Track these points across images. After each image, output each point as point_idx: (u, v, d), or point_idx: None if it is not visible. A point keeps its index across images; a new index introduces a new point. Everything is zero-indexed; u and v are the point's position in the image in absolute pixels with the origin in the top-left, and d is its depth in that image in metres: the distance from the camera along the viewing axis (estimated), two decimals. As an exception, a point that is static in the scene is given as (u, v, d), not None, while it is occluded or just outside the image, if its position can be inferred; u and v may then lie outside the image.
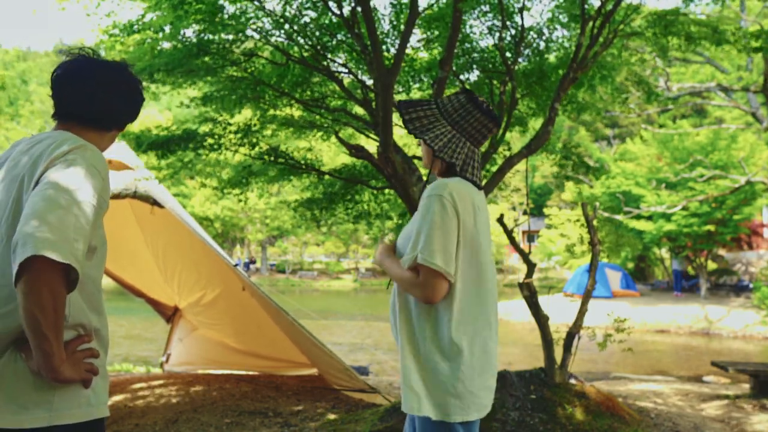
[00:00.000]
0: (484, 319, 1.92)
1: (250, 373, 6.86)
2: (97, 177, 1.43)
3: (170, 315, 7.41)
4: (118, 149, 5.63)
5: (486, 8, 5.34)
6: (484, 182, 4.72)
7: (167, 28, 4.69)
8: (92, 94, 1.60)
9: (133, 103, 1.71)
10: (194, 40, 4.70)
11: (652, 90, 6.74)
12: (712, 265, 20.99)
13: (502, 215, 5.22)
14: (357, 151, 4.65)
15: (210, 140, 5.39)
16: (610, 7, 4.89)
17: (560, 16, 5.53)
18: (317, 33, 5.11)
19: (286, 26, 4.93)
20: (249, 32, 4.93)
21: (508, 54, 5.12)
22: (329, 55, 5.29)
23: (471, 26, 5.65)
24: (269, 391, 5.90)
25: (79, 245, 1.32)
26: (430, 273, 1.82)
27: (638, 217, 18.13)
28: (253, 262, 41.34)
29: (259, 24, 4.92)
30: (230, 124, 5.57)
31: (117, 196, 5.25)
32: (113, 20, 4.81)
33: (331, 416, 4.95)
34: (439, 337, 1.86)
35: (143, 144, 5.26)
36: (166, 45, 4.87)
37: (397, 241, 2.05)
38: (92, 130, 1.62)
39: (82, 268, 1.34)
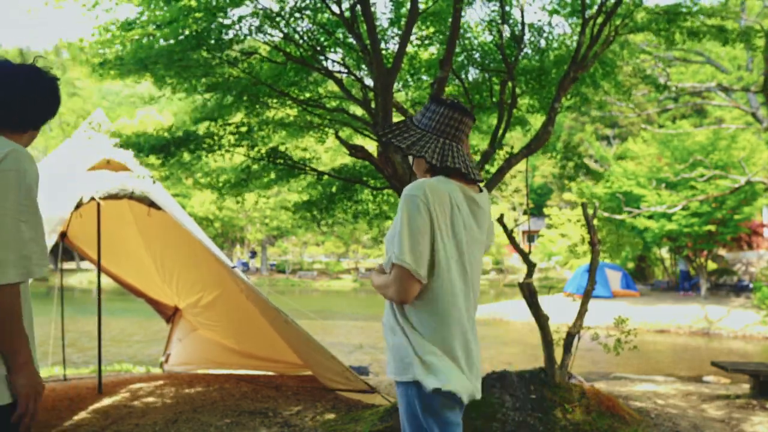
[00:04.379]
0: (460, 317, 1.92)
1: (250, 373, 6.85)
2: (27, 177, 1.63)
3: (170, 315, 7.40)
4: (118, 150, 5.61)
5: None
6: (482, 183, 4.70)
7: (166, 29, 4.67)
8: (11, 100, 1.77)
9: (47, 104, 1.87)
10: (192, 32, 4.67)
11: (658, 83, 6.71)
12: (712, 265, 20.99)
13: (502, 215, 5.21)
14: (357, 151, 4.64)
15: (209, 141, 5.37)
16: (612, 1, 4.86)
17: (561, 10, 5.50)
18: (314, 32, 5.09)
19: (282, 24, 4.91)
20: (245, 31, 4.91)
21: (507, 51, 5.11)
22: (327, 54, 5.27)
23: (470, 21, 5.63)
24: (269, 391, 5.90)
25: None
26: (400, 271, 1.85)
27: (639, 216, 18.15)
28: (253, 254, 41.17)
29: (254, 23, 4.89)
30: (229, 124, 5.55)
31: (115, 197, 5.24)
32: (110, 18, 4.79)
33: (331, 416, 4.94)
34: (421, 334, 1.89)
35: (144, 148, 5.23)
36: (165, 44, 4.85)
37: (385, 244, 2.08)
38: (13, 131, 1.79)
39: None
